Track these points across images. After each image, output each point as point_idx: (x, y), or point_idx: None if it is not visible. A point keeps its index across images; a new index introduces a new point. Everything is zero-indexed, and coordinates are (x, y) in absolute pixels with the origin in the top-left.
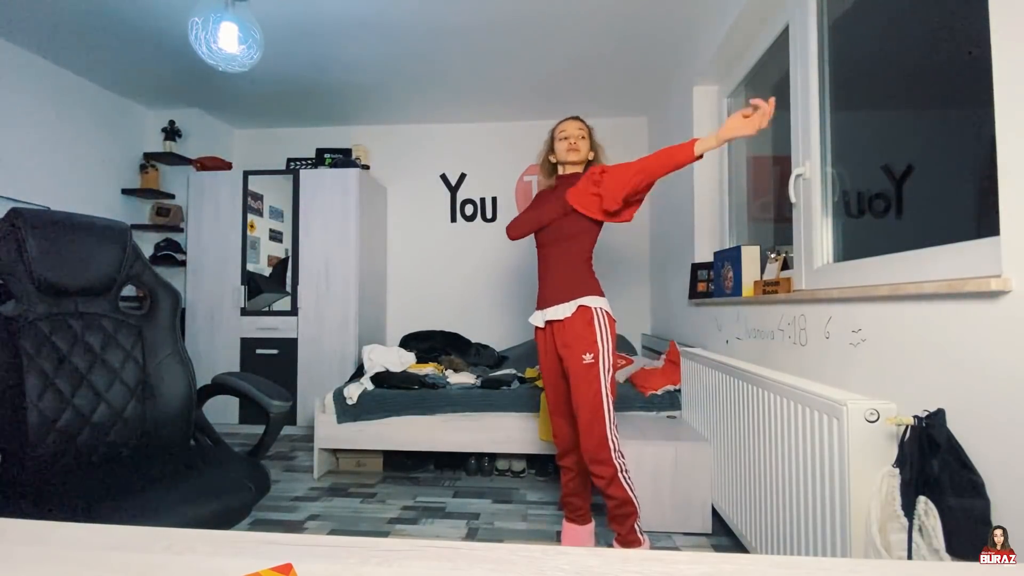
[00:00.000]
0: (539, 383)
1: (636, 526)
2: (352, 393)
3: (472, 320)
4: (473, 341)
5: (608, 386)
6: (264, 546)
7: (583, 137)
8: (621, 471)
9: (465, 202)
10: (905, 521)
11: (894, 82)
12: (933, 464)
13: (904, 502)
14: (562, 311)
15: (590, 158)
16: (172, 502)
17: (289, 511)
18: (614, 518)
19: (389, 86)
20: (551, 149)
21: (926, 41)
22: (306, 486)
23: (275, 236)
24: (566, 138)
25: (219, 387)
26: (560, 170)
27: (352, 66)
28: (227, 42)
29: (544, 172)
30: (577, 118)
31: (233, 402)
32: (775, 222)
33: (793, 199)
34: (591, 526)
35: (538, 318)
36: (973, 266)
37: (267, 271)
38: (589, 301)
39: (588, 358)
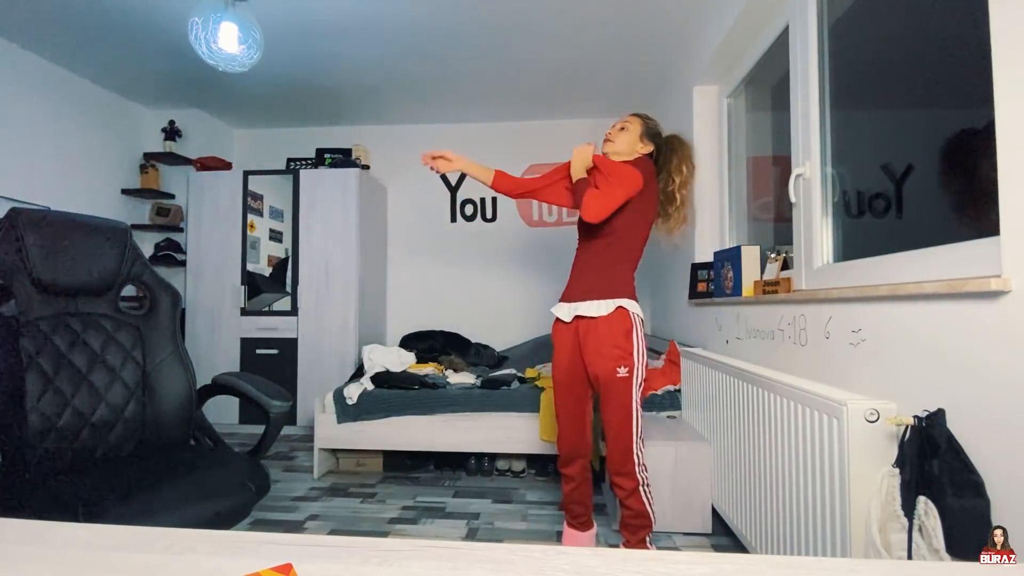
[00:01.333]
0: (539, 383)
1: (647, 538)
2: (352, 393)
3: (472, 320)
4: (473, 341)
5: (639, 399)
6: (264, 546)
7: (621, 129)
8: (642, 484)
9: (465, 202)
10: (905, 521)
11: (894, 82)
12: (933, 464)
13: (904, 502)
14: (596, 308)
15: (646, 152)
16: (172, 502)
17: (289, 511)
18: (627, 526)
19: (389, 86)
20: None
21: (926, 41)
22: (306, 486)
23: (275, 236)
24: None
25: (219, 387)
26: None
27: (352, 66)
28: (227, 42)
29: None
30: (635, 114)
31: (233, 402)
32: (775, 222)
33: (793, 199)
34: (593, 531)
35: (564, 311)
36: (973, 266)
37: (267, 271)
38: (629, 305)
39: (623, 371)
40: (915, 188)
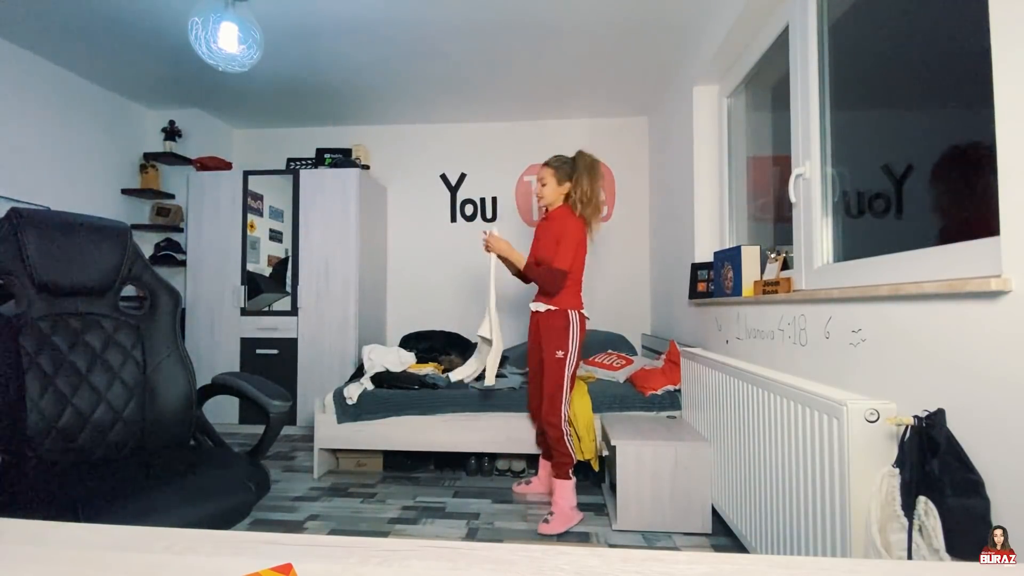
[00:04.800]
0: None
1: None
2: (352, 393)
3: (472, 320)
4: (473, 341)
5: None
6: (264, 546)
7: (543, 185)
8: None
9: (465, 202)
10: (905, 521)
11: (894, 82)
12: (933, 464)
13: (904, 502)
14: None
15: (565, 191)
16: (172, 502)
17: (289, 511)
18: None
19: (389, 86)
20: None
21: (926, 41)
22: (306, 486)
23: (275, 236)
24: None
25: (219, 387)
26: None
27: (352, 66)
28: (227, 42)
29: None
30: (545, 164)
31: (233, 402)
32: (775, 222)
33: (793, 199)
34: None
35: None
36: (973, 266)
37: (267, 271)
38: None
39: (560, 354)
40: (915, 188)
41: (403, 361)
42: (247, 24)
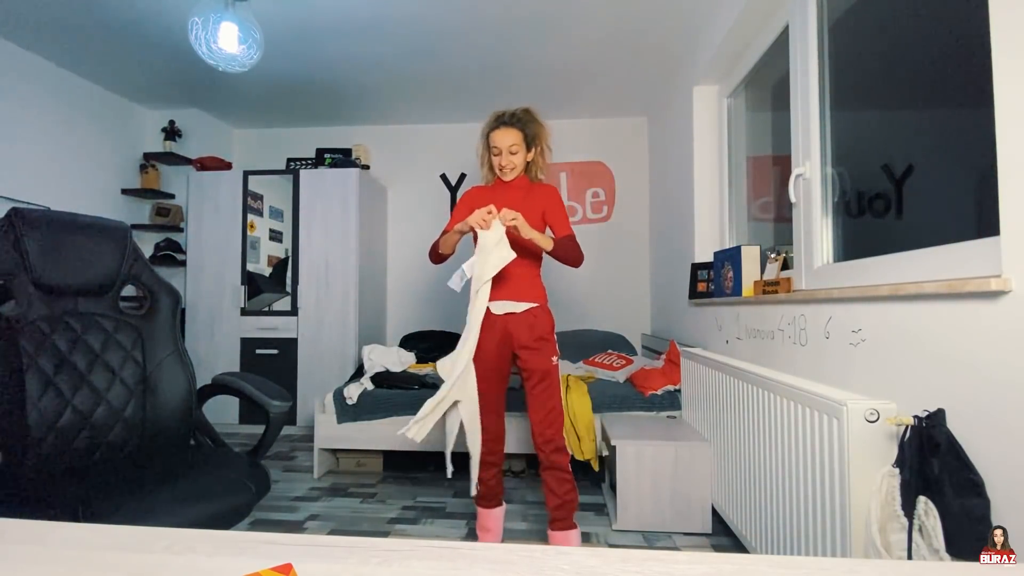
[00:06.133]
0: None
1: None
2: (352, 393)
3: None
4: None
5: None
6: (264, 546)
7: (514, 153)
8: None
9: None
10: (905, 521)
11: (894, 82)
12: (933, 464)
13: (904, 502)
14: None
15: (528, 160)
16: (172, 502)
17: (289, 511)
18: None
19: (389, 86)
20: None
21: (926, 41)
22: (306, 486)
23: (275, 236)
24: (499, 154)
25: (219, 387)
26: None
27: (352, 66)
28: (227, 42)
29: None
30: (511, 127)
31: (233, 402)
32: (775, 222)
33: (793, 199)
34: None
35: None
36: (973, 266)
37: (267, 271)
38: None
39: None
40: (915, 188)
41: (403, 361)
42: (247, 24)
